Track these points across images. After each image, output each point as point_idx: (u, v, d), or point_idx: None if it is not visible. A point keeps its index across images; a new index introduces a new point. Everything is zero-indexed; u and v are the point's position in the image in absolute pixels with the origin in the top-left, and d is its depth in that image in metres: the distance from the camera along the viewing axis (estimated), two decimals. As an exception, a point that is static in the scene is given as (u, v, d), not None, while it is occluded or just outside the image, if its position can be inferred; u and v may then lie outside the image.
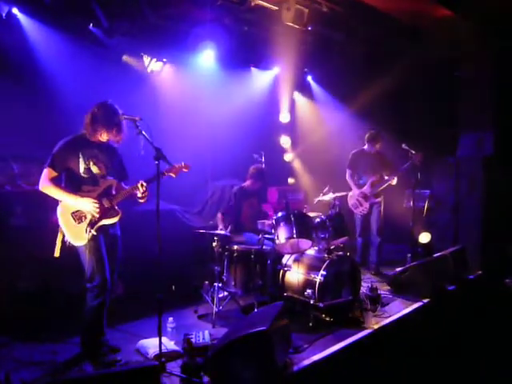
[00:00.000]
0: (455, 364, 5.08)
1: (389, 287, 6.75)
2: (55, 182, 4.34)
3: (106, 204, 4.41)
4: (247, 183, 6.72)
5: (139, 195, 4.51)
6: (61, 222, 4.32)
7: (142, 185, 4.45)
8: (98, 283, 4.34)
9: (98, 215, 4.33)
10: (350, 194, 7.76)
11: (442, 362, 5.17)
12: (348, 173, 7.85)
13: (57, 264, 4.87)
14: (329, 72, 9.64)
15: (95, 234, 4.32)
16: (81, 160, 4.39)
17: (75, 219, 4.31)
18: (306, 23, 7.45)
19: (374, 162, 7.64)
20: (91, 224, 4.32)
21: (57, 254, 4.34)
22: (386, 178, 7.50)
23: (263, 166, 7.34)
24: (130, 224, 4.91)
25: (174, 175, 4.62)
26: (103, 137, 4.46)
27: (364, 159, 7.73)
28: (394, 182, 7.43)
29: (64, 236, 4.32)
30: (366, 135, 7.70)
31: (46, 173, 4.32)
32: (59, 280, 5.53)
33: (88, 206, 4.30)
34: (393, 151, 7.82)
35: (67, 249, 4.34)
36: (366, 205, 7.58)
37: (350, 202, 7.73)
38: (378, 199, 7.58)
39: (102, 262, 4.36)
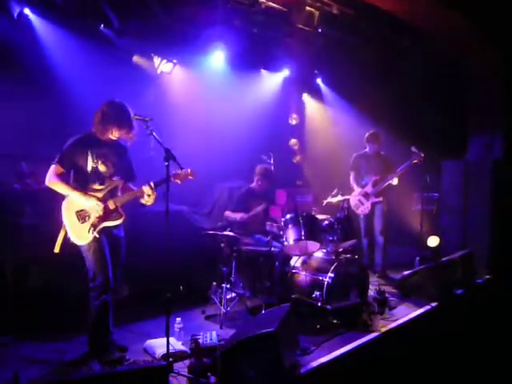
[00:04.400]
0: (463, 368, 5.06)
1: (396, 290, 6.73)
2: (62, 177, 4.33)
3: (111, 206, 4.42)
4: (255, 184, 6.71)
5: (145, 198, 4.49)
6: (65, 219, 4.33)
7: (147, 188, 4.44)
8: (101, 283, 4.35)
9: (101, 214, 4.34)
10: (353, 194, 7.77)
11: (450, 365, 5.15)
12: (352, 175, 7.89)
13: (64, 263, 4.90)
14: (339, 74, 9.63)
15: (97, 236, 4.34)
16: (89, 158, 4.39)
17: (79, 218, 4.32)
18: (317, 25, 7.45)
19: (376, 164, 7.66)
20: (94, 225, 4.33)
21: (57, 249, 4.35)
22: (387, 177, 7.48)
23: (272, 167, 7.33)
24: (139, 224, 4.92)
25: (179, 182, 4.57)
26: (114, 134, 4.44)
27: (366, 161, 7.76)
28: (395, 182, 7.43)
29: (66, 233, 4.34)
30: (366, 136, 7.73)
31: (53, 169, 4.32)
32: (67, 279, 5.54)
33: (92, 204, 4.30)
34: (402, 154, 7.78)
35: (70, 247, 4.36)
36: (368, 204, 7.58)
37: (352, 202, 7.72)
38: (379, 199, 7.55)
39: (104, 262, 4.36)
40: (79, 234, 4.32)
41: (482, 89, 8.65)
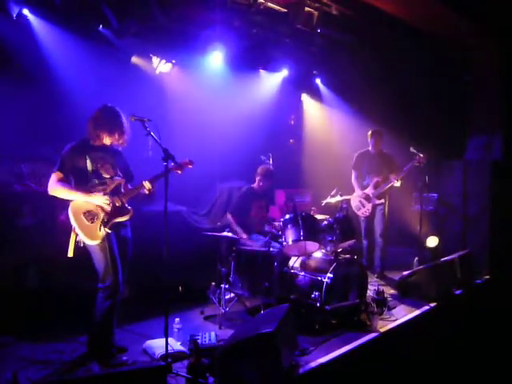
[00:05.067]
0: (462, 368, 5.06)
1: (395, 291, 6.73)
2: (63, 183, 4.35)
3: (117, 203, 4.42)
4: (256, 184, 6.72)
5: (146, 193, 4.54)
6: (73, 222, 4.30)
7: (147, 183, 4.48)
8: (110, 283, 4.35)
9: (109, 209, 4.35)
10: (354, 195, 7.72)
11: (448, 365, 5.15)
12: (353, 174, 7.83)
13: (64, 263, 4.90)
14: (337, 74, 9.63)
15: (110, 231, 4.34)
16: (88, 163, 4.41)
17: (87, 219, 4.31)
18: (316, 26, 7.46)
19: (379, 163, 7.59)
20: (104, 222, 4.33)
21: (70, 253, 4.33)
22: (389, 179, 7.43)
23: (271, 167, 7.32)
24: (137, 225, 4.92)
25: (179, 171, 4.65)
26: (106, 141, 4.50)
27: (368, 160, 7.69)
28: (398, 183, 7.33)
29: (77, 236, 4.33)
30: (368, 133, 7.68)
31: (54, 176, 4.34)
32: (66, 279, 5.54)
33: (99, 200, 4.31)
34: (401, 154, 7.76)
35: (78, 249, 4.36)
36: (369, 206, 7.53)
37: (353, 203, 7.68)
38: (381, 201, 7.49)
39: (114, 262, 4.36)
40: (90, 233, 4.29)
41: (481, 89, 8.66)
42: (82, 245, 4.33)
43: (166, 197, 4.18)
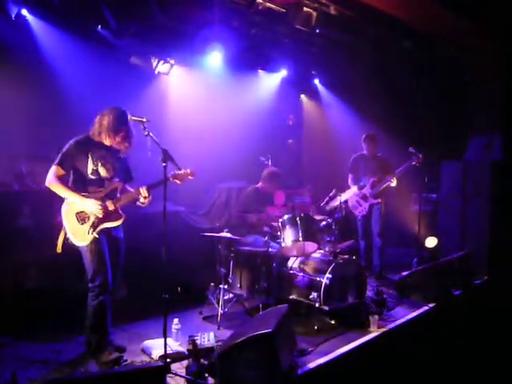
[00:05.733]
0: (461, 368, 5.06)
1: (394, 291, 6.72)
2: (62, 180, 4.34)
3: (110, 207, 4.41)
4: (260, 185, 6.70)
5: (141, 200, 4.53)
6: (64, 221, 4.33)
7: (144, 190, 4.46)
8: (100, 283, 4.36)
9: (101, 216, 4.34)
10: (348, 191, 7.64)
11: (447, 366, 5.15)
12: (350, 177, 7.83)
13: (63, 264, 4.90)
14: (336, 75, 9.63)
15: (97, 236, 4.33)
16: (89, 160, 4.40)
17: (79, 220, 4.32)
18: (314, 26, 7.44)
19: (375, 165, 7.59)
20: (94, 226, 4.33)
21: (59, 249, 4.35)
22: (386, 178, 7.39)
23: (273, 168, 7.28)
24: (136, 225, 4.92)
25: (179, 182, 4.61)
26: (106, 141, 4.48)
27: (364, 163, 7.69)
28: (394, 183, 7.31)
29: (66, 234, 4.34)
30: (363, 137, 7.67)
31: (54, 170, 4.33)
32: (65, 279, 5.54)
33: (92, 206, 4.30)
34: (400, 154, 7.74)
35: (70, 247, 4.36)
36: (366, 205, 7.51)
37: (350, 203, 7.66)
38: (378, 200, 7.47)
39: (103, 263, 4.37)
40: (79, 235, 4.31)
41: (481, 89, 8.65)
42: (70, 243, 4.33)
43: (165, 198, 4.17)
